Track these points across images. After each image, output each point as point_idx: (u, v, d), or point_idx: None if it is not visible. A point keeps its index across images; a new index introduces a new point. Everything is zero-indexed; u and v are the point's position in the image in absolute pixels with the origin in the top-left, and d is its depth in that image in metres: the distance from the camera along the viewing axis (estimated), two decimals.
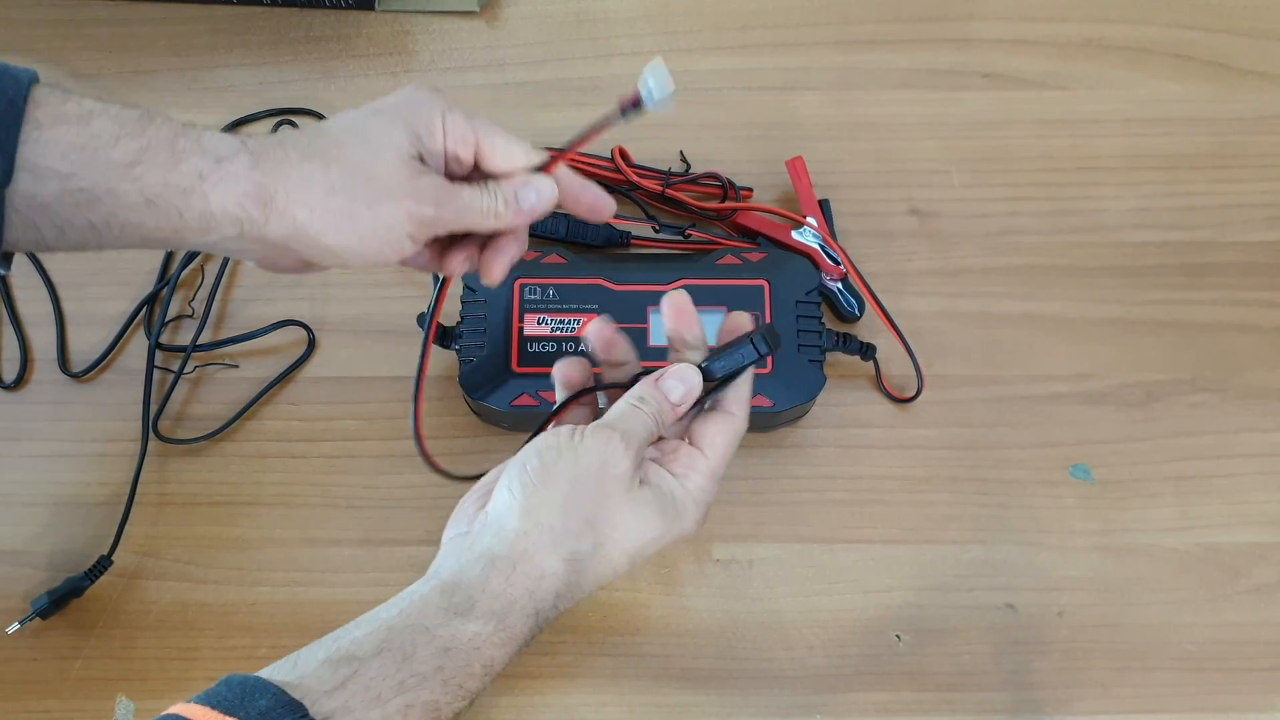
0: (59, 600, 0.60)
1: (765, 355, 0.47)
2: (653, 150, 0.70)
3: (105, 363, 0.67)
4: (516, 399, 0.60)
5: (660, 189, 0.68)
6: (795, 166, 0.68)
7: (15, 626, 0.59)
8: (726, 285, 0.62)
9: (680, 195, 0.68)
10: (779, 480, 0.64)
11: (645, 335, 0.61)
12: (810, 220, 0.67)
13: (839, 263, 0.66)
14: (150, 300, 0.68)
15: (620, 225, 0.67)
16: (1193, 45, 0.73)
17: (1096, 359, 0.66)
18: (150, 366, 0.65)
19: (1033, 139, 0.71)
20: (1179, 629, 0.61)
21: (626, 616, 0.61)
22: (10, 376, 0.66)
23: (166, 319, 0.67)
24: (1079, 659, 0.60)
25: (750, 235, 0.68)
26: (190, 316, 0.68)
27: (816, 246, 0.67)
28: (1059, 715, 0.59)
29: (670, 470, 0.46)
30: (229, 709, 0.36)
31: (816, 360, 0.61)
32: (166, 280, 0.68)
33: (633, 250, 0.68)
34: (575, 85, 0.73)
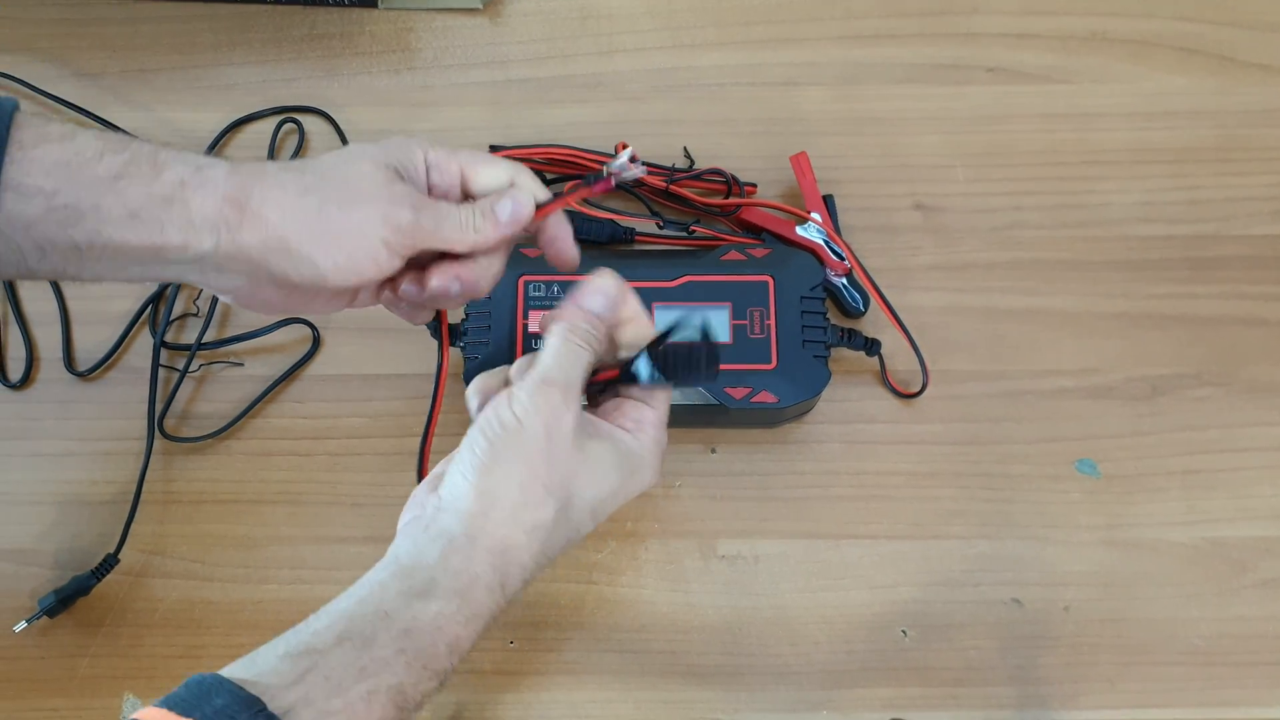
0: (66, 599, 0.60)
1: (710, 376, 0.46)
2: (657, 146, 0.70)
3: (111, 361, 0.67)
4: None
5: (664, 185, 0.68)
6: (799, 162, 0.68)
7: (22, 625, 0.60)
8: (731, 281, 0.62)
9: (684, 191, 0.68)
10: (784, 476, 0.64)
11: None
12: (814, 216, 0.67)
13: (843, 258, 0.66)
14: (155, 299, 0.68)
15: (624, 222, 0.67)
16: (1197, 38, 0.73)
17: (1102, 353, 0.66)
18: (155, 365, 0.65)
19: (1037, 133, 0.71)
20: (1186, 623, 0.61)
21: (632, 613, 0.61)
22: (16, 375, 0.66)
23: (171, 317, 0.67)
24: (1085, 654, 0.60)
25: (754, 231, 0.68)
26: (195, 315, 0.68)
27: (821, 242, 0.66)
28: (1065, 710, 0.59)
29: (621, 426, 0.46)
30: (186, 710, 0.36)
31: (821, 356, 0.61)
32: None
33: (637, 247, 0.68)
34: (578, 82, 0.73)
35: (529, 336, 0.61)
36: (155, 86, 0.73)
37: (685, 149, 0.71)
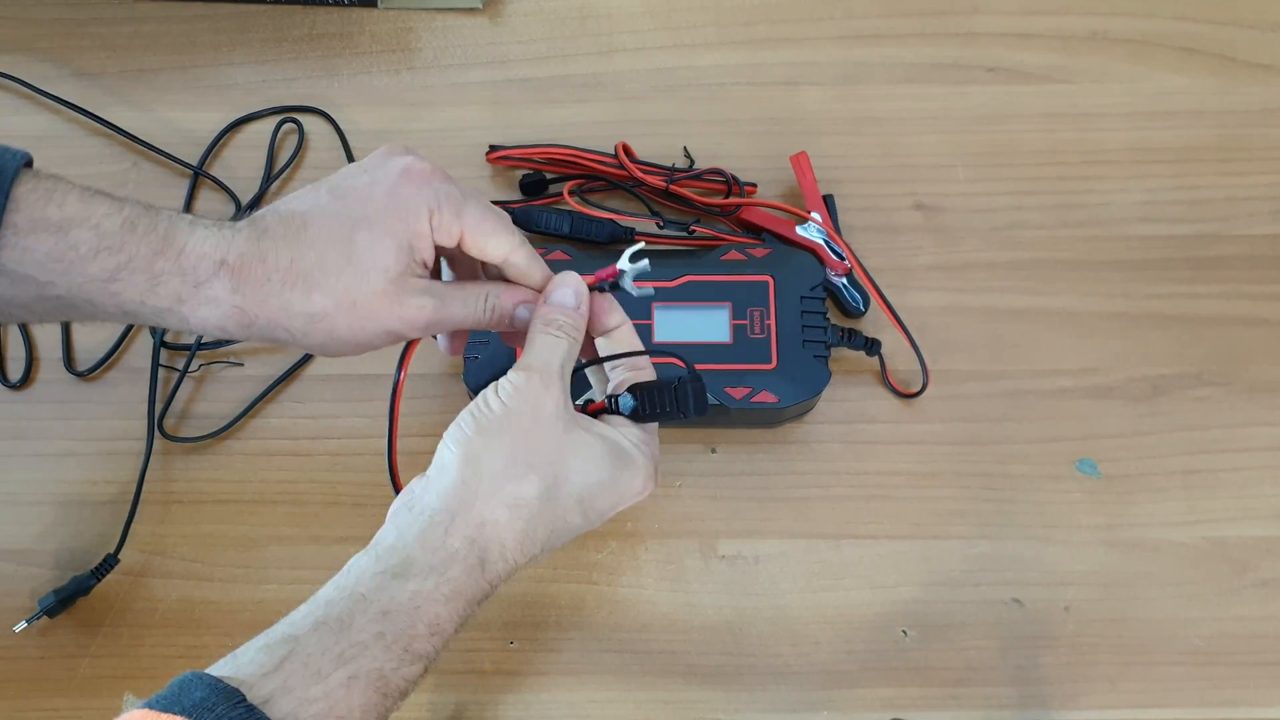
0: (66, 599, 0.60)
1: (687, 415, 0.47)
2: (656, 146, 0.70)
3: (110, 361, 0.67)
4: None
5: (664, 185, 0.68)
6: (799, 162, 0.68)
7: (22, 625, 0.60)
8: (731, 281, 0.62)
9: (684, 191, 0.68)
10: (784, 476, 0.64)
11: (650, 332, 0.61)
12: (815, 215, 0.67)
13: (844, 258, 0.66)
14: None
15: (624, 222, 0.67)
16: (1198, 38, 0.73)
17: (1102, 353, 0.66)
18: (155, 365, 0.65)
19: (1038, 133, 0.71)
20: (1186, 623, 0.61)
21: (633, 613, 0.61)
22: (16, 376, 0.66)
23: None
24: (1086, 654, 0.60)
25: (755, 231, 0.68)
26: None
27: (821, 242, 0.66)
28: (1066, 710, 0.59)
29: (609, 423, 0.47)
30: (166, 707, 0.36)
31: (821, 356, 0.61)
32: None
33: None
34: (578, 81, 0.73)
35: None
36: (155, 86, 0.73)
37: (685, 149, 0.71)
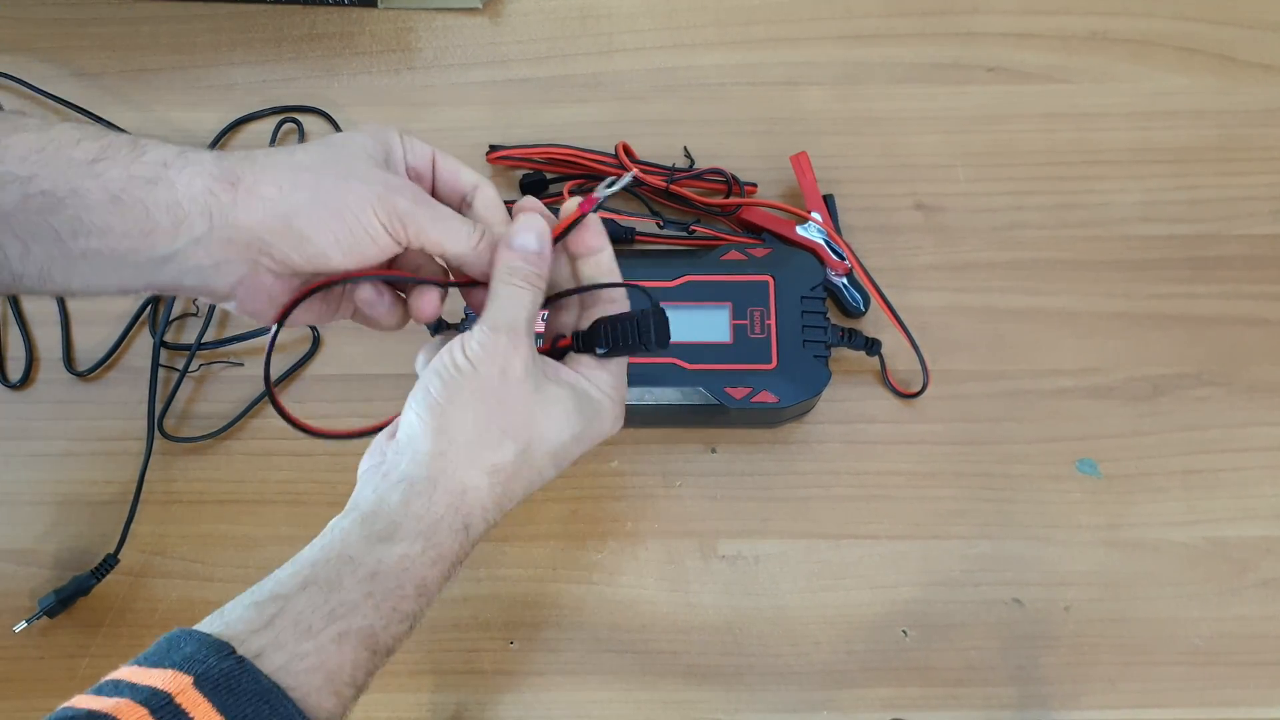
0: (66, 599, 0.60)
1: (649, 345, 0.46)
2: (656, 146, 0.70)
3: (110, 361, 0.67)
4: None
5: (664, 185, 0.67)
6: (799, 162, 0.68)
7: (22, 625, 0.60)
8: (731, 281, 0.62)
9: (684, 191, 0.68)
10: (784, 476, 0.64)
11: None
12: (815, 215, 0.67)
13: (844, 258, 0.66)
14: (155, 299, 0.68)
15: (624, 221, 0.67)
16: (1197, 38, 0.73)
17: (1103, 353, 0.66)
18: (155, 365, 0.65)
19: (1038, 133, 0.71)
20: (1186, 623, 0.61)
21: (633, 613, 0.61)
22: (16, 376, 0.66)
23: (171, 317, 0.67)
24: (1086, 654, 0.60)
25: (755, 231, 0.68)
26: (194, 315, 0.68)
27: (821, 242, 0.66)
28: (1066, 710, 0.59)
29: (578, 371, 0.47)
30: (155, 662, 0.37)
31: (822, 356, 0.61)
32: None
33: (637, 246, 0.68)
34: (578, 81, 0.73)
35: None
36: (155, 86, 0.73)
37: (685, 149, 0.71)
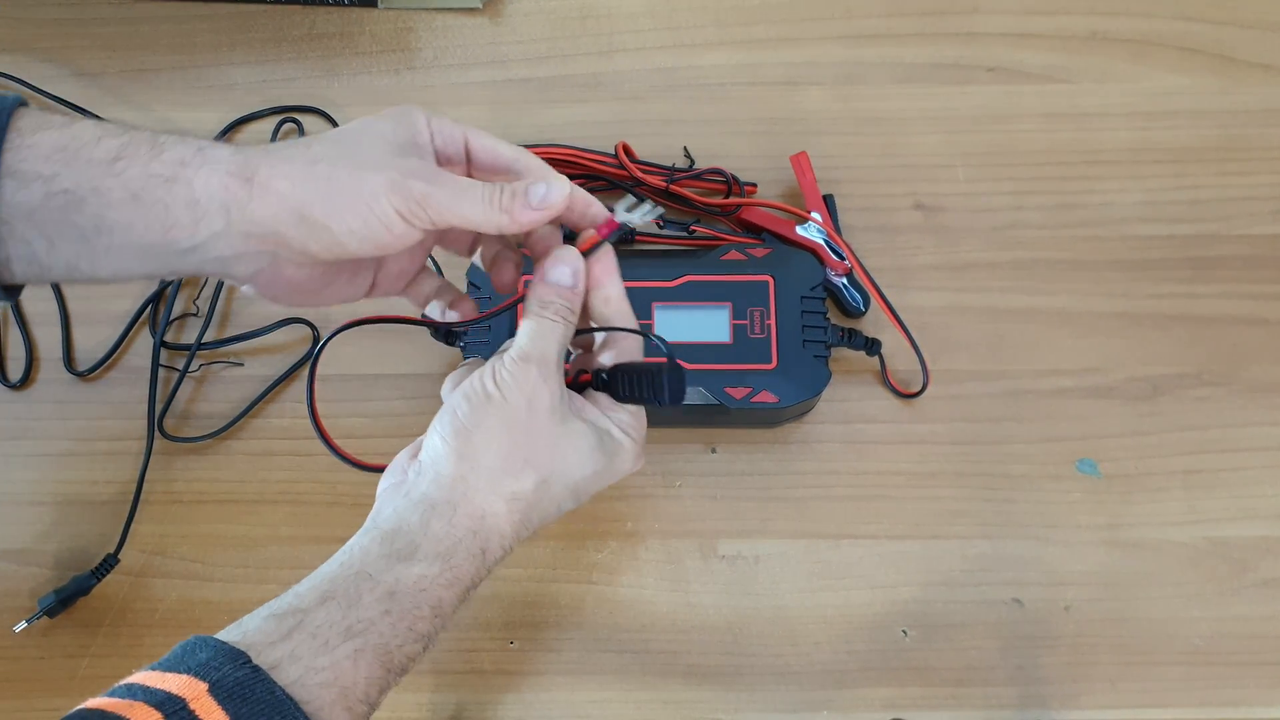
0: (66, 599, 0.60)
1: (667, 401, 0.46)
2: (657, 146, 0.70)
3: (110, 361, 0.67)
4: None
5: (664, 185, 0.67)
6: (799, 162, 0.68)
7: (22, 625, 0.60)
8: (731, 281, 0.62)
9: (684, 191, 0.68)
10: (784, 476, 0.64)
11: (650, 331, 0.61)
12: (815, 215, 0.67)
13: (844, 258, 0.66)
14: (155, 299, 0.68)
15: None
16: (1197, 38, 0.73)
17: (1102, 353, 0.66)
18: (155, 365, 0.65)
19: (1038, 133, 0.71)
20: (1186, 623, 0.61)
21: (633, 613, 0.61)
22: (16, 376, 0.66)
23: (171, 317, 0.67)
24: (1086, 654, 0.60)
25: (755, 231, 0.68)
26: (195, 315, 0.68)
27: (821, 242, 0.66)
28: (1066, 710, 0.59)
29: (601, 409, 0.47)
30: (171, 668, 0.37)
31: (821, 356, 0.61)
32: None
33: (637, 246, 0.68)
34: (578, 81, 0.73)
35: None
36: (155, 86, 0.73)
37: (685, 149, 0.71)
